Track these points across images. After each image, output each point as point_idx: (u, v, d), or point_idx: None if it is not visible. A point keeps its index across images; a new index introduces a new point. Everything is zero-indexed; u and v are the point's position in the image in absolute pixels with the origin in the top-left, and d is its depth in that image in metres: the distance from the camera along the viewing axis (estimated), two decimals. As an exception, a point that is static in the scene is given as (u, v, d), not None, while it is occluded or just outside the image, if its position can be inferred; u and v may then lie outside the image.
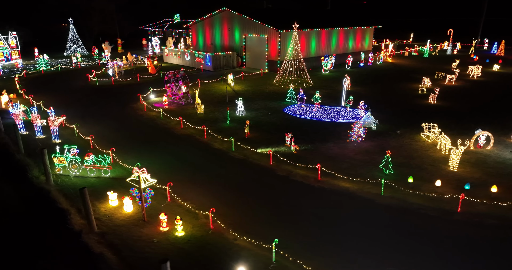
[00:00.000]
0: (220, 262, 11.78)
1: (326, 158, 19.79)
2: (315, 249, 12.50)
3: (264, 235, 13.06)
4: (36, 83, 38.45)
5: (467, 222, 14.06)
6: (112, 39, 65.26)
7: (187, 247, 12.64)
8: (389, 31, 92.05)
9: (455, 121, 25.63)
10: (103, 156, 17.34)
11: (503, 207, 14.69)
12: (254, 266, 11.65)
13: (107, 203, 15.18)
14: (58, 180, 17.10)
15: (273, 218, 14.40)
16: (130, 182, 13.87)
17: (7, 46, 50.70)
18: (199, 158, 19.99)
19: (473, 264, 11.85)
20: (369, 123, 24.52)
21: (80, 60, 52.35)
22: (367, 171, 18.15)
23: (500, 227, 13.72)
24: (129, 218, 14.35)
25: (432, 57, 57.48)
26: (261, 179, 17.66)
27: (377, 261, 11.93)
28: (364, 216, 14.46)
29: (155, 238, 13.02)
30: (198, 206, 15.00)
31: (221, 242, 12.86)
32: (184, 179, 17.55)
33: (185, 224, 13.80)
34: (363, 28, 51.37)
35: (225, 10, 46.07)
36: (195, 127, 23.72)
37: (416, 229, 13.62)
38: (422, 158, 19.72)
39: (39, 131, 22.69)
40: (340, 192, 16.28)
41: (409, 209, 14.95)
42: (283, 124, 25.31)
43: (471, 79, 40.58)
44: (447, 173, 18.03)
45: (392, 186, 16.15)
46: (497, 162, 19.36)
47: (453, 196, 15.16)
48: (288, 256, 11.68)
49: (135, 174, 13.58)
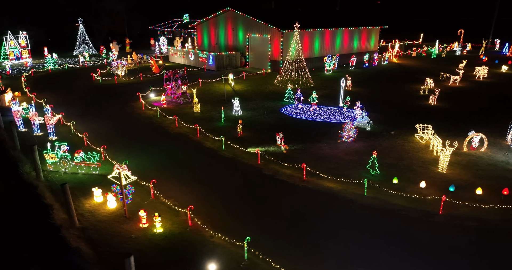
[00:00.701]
0: (193, 259, 11.95)
1: (315, 158, 19.80)
2: (288, 248, 12.56)
3: (241, 233, 13.16)
4: (42, 82, 39.30)
5: (447, 224, 13.94)
6: (121, 39, 66.18)
7: (163, 243, 12.85)
8: (399, 31, 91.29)
9: (453, 123, 25.33)
10: (92, 154, 17.69)
11: (485, 210, 14.51)
12: (226, 263, 11.79)
13: (92, 199, 15.51)
14: (48, 176, 17.52)
15: (253, 217, 14.51)
16: (111, 179, 14.15)
17: (17, 46, 51.91)
18: (189, 157, 20.21)
19: (448, 265, 11.76)
20: (363, 123, 24.43)
21: (88, 59, 53.27)
22: (354, 171, 18.10)
23: (480, 230, 13.57)
24: (111, 214, 14.64)
25: (440, 57, 56.71)
26: (247, 178, 17.78)
27: (347, 261, 11.94)
28: (344, 217, 14.46)
29: (133, 234, 13.27)
30: (181, 203, 15.19)
31: (198, 239, 13.02)
32: (170, 177, 17.79)
33: (165, 221, 14.03)
34: (368, 29, 51.00)
35: (229, 10, 46.31)
36: (189, 126, 23.97)
37: (395, 230, 13.55)
38: (412, 159, 19.57)
39: (36, 128, 23.23)
40: (324, 192, 16.29)
41: (390, 210, 14.89)
42: (278, 124, 25.38)
43: (477, 80, 39.96)
44: (435, 174, 17.86)
45: (375, 187, 16.08)
46: (489, 164, 19.08)
47: (435, 197, 15.03)
48: (258, 254, 11.77)
49: (116, 171, 13.85)
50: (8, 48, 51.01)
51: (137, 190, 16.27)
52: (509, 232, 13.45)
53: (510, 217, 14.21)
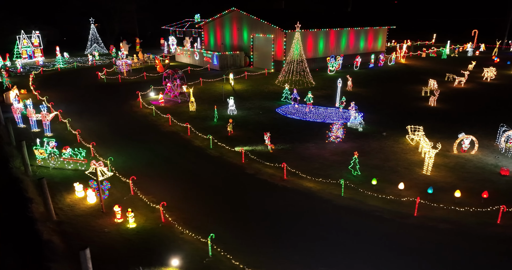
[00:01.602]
0: (160, 254, 12.18)
1: (300, 157, 19.84)
2: (256, 246, 12.68)
3: (212, 230, 13.30)
4: (50, 80, 40.34)
5: (420, 226, 13.81)
6: (132, 38, 67.27)
7: (133, 238, 13.14)
8: (413, 32, 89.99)
9: (448, 124, 24.94)
10: (79, 150, 18.17)
11: (461, 212, 14.30)
12: (191, 259, 11.99)
13: (73, 194, 15.94)
14: (36, 171, 18.09)
15: (227, 215, 14.67)
16: (89, 174, 14.53)
17: (30, 45, 53.42)
18: (176, 154, 20.51)
19: (411, 265, 11.67)
20: (356, 124, 24.29)
21: (98, 58, 54.39)
22: (336, 172, 18.06)
23: (453, 232, 13.40)
24: (90, 209, 15.03)
25: (451, 58, 55.67)
26: (228, 176, 17.95)
27: (312, 260, 11.98)
28: (317, 216, 14.48)
29: (107, 229, 13.60)
30: (159, 200, 15.44)
31: (168, 235, 13.27)
32: (154, 174, 18.12)
33: (140, 217, 14.34)
34: (375, 29, 50.47)
35: (234, 10, 46.58)
36: (181, 125, 24.28)
37: (365, 231, 13.51)
38: (399, 161, 19.39)
39: (34, 125, 23.94)
40: (302, 192, 16.33)
41: (365, 210, 14.83)
42: (271, 123, 25.46)
43: (484, 82, 39.15)
44: (419, 176, 17.67)
45: (353, 187, 16.03)
46: (477, 167, 18.75)
47: (410, 199, 14.90)
48: (220, 251, 11.94)
49: (92, 166, 14.22)
50: (21, 47, 52.52)
51: (118, 186, 16.70)
52: (482, 236, 13.25)
53: (485, 221, 13.98)
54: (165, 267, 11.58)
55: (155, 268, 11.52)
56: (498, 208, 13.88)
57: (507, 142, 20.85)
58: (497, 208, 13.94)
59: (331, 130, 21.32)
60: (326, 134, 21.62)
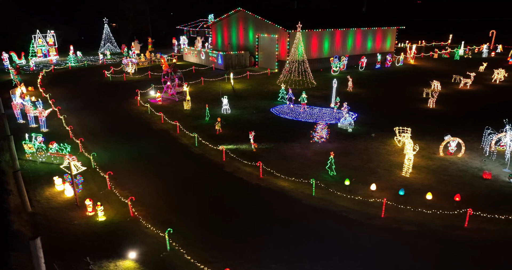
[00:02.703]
0: (120, 247, 12.53)
1: (282, 157, 19.93)
2: (215, 242, 12.90)
3: (177, 225, 13.70)
4: (59, 78, 41.60)
5: (385, 228, 13.73)
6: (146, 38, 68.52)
7: (99, 230, 13.57)
8: (429, 32, 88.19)
9: (442, 126, 24.45)
10: (64, 145, 18.79)
11: (428, 215, 14.12)
12: (149, 252, 12.32)
13: (53, 188, 16.54)
14: (24, 165, 18.83)
15: (195, 211, 14.95)
16: (63, 168, 15.06)
17: (45, 44, 55.20)
18: (161, 152, 20.93)
19: (366, 265, 11.65)
20: (345, 125, 24.17)
21: (110, 57, 55.70)
22: (314, 171, 18.07)
23: (415, 234, 13.28)
24: (66, 202, 15.58)
25: (464, 60, 54.29)
26: (206, 174, 18.23)
27: (268, 257, 12.09)
28: (283, 215, 14.57)
29: (76, 221, 14.09)
30: (133, 195, 15.88)
31: (133, 229, 13.64)
32: (135, 169, 18.58)
33: (111, 211, 14.78)
34: (383, 29, 49.78)
35: (240, 10, 46.88)
36: (172, 123, 24.71)
37: (329, 231, 13.53)
38: (380, 162, 19.22)
39: (31, 120, 24.87)
40: (274, 190, 16.44)
41: (333, 211, 14.83)
42: (261, 123, 25.61)
43: (492, 84, 38.11)
44: (397, 178, 17.50)
45: (324, 187, 16.02)
46: (460, 170, 18.40)
47: (377, 200, 14.79)
48: (175, 245, 12.21)
49: (66, 161, 14.74)
50: (37, 46, 54.32)
51: (98, 180, 17.24)
52: (447, 239, 13.06)
53: (453, 224, 13.77)
54: (122, 259, 11.94)
55: (113, 260, 11.90)
56: (466, 212, 13.63)
57: (498, 146, 20.40)
58: (464, 212, 13.69)
59: (315, 130, 21.29)
60: (310, 134, 21.60)
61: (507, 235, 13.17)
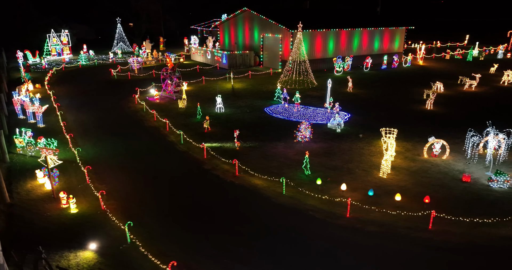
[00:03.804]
0: (84, 238, 12.96)
1: (264, 155, 20.07)
2: (176, 236, 13.20)
3: (143, 219, 14.12)
4: (68, 76, 42.81)
5: (348, 227, 13.73)
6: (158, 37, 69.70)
7: (69, 222, 14.08)
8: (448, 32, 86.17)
9: (435, 128, 24.02)
10: (51, 140, 19.48)
11: (393, 216, 14.03)
12: (110, 244, 12.71)
13: (36, 181, 17.20)
14: (14, 158, 19.62)
15: (165, 205, 15.29)
16: (40, 162, 15.66)
17: (59, 43, 56.92)
18: (146, 148, 21.39)
19: (323, 265, 11.71)
20: (334, 125, 24.08)
21: (120, 56, 56.93)
22: (291, 170, 18.15)
23: (377, 235, 13.24)
24: (45, 194, 16.19)
25: (476, 61, 52.89)
26: (185, 170, 18.55)
27: (224, 253, 12.29)
28: (249, 213, 14.74)
29: (49, 212, 14.65)
30: (110, 189, 16.43)
31: (101, 221, 14.07)
32: (118, 165, 19.09)
33: (85, 203, 15.28)
34: (391, 29, 49.07)
35: (246, 10, 47.14)
36: (163, 120, 25.18)
37: (290, 230, 13.62)
38: (361, 163, 19.12)
39: (30, 116, 25.82)
40: (247, 188, 16.62)
41: (300, 209, 14.91)
42: (252, 122, 25.80)
43: (500, 86, 37.11)
44: (373, 179, 17.39)
45: (295, 186, 16.09)
46: (441, 172, 18.12)
47: (342, 200, 14.77)
48: (133, 238, 12.56)
49: (43, 155, 15.33)
50: (51, 45, 56.08)
51: (78, 174, 17.78)
52: (409, 240, 12.96)
53: (417, 226, 13.64)
54: (83, 250, 12.37)
55: (74, 250, 12.35)
56: (430, 214, 13.47)
57: (485, 148, 19.97)
58: (428, 213, 13.53)
59: (298, 129, 21.31)
60: (294, 133, 21.64)
61: (470, 238, 12.97)
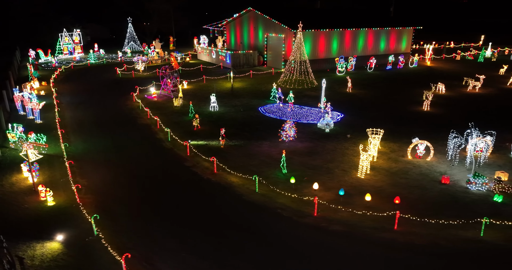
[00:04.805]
0: (54, 230, 13.39)
1: (247, 154, 20.24)
2: (142, 230, 13.51)
3: (115, 213, 14.52)
4: (75, 74, 43.91)
5: (313, 226, 13.78)
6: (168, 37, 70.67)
7: (43, 214, 14.59)
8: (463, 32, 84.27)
9: (426, 130, 23.66)
10: (40, 135, 20.13)
11: (360, 216, 13.99)
12: (78, 236, 13.12)
13: (21, 174, 17.83)
14: (6, 152, 20.38)
15: (138, 200, 15.65)
16: (22, 156, 16.25)
17: (71, 42, 58.43)
18: (134, 144, 21.84)
19: (278, 262, 11.82)
20: (323, 125, 24.03)
21: (130, 55, 58.01)
22: (270, 169, 18.27)
23: (341, 234, 13.26)
24: (27, 187, 16.77)
25: (488, 62, 51.60)
26: (167, 167, 18.88)
27: (185, 247, 12.53)
28: (218, 209, 14.95)
29: (26, 205, 15.20)
30: (90, 183, 16.93)
31: (74, 214, 14.50)
32: (103, 160, 19.60)
33: (63, 197, 15.76)
34: (398, 29, 48.41)
35: (250, 10, 47.35)
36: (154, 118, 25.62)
37: (253, 226, 13.76)
38: (342, 163, 19.06)
39: (29, 112, 26.71)
40: (222, 185, 16.83)
41: (269, 207, 15.03)
42: (243, 121, 25.99)
43: (506, 88, 36.24)
44: (350, 179, 17.33)
45: (267, 184, 16.20)
46: (421, 173, 17.91)
47: (309, 198, 14.79)
48: (97, 231, 12.94)
49: (24, 149, 15.90)
50: (63, 44, 57.63)
51: (63, 169, 18.32)
52: (372, 240, 12.92)
53: (383, 226, 13.59)
54: (50, 241, 12.82)
55: (42, 241, 12.80)
56: (396, 214, 13.38)
57: (474, 151, 19.61)
58: (393, 214, 13.44)
59: (283, 128, 21.37)
60: (278, 132, 21.70)
61: (434, 240, 12.83)
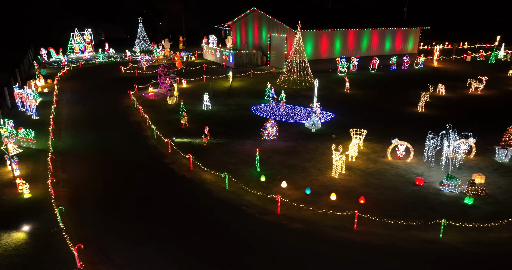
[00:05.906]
0: (24, 221, 13.92)
1: (227, 152, 20.47)
2: (106, 223, 13.92)
3: (84, 206, 15.01)
4: (81, 72, 45.05)
5: (273, 223, 13.91)
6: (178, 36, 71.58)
7: (18, 206, 15.19)
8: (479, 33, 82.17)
9: (415, 131, 23.32)
10: (29, 131, 20.88)
11: (320, 215, 14.03)
12: (44, 227, 13.60)
13: (6, 167, 18.53)
14: (-2, 147, 21.23)
15: (110, 194, 16.07)
16: (3, 150, 16.91)
17: (82, 41, 59.93)
18: (120, 141, 22.36)
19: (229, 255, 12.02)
20: (309, 125, 24.02)
21: (139, 54, 59.09)
22: (246, 167, 18.45)
23: (300, 232, 13.35)
24: (9, 180, 17.42)
25: (500, 63, 50.23)
26: (146, 163, 19.28)
27: (144, 241, 12.85)
28: (185, 205, 15.23)
29: (3, 196, 15.84)
30: (70, 177, 17.50)
31: (47, 207, 15.01)
32: (87, 155, 20.19)
33: (41, 190, 16.33)
34: (404, 30, 47.71)
35: (254, 10, 47.54)
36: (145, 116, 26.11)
37: (215, 222, 13.98)
38: (319, 163, 19.06)
39: (27, 109, 27.67)
40: (195, 182, 17.13)
41: (235, 204, 15.24)
42: (233, 119, 26.23)
43: (510, 90, 35.24)
44: (323, 178, 17.35)
45: (236, 182, 16.38)
46: (398, 174, 17.75)
47: (272, 196, 14.88)
48: (61, 222, 13.40)
49: (4, 143, 16.56)
50: (74, 43, 59.18)
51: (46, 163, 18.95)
52: (330, 239, 12.96)
53: (343, 225, 13.60)
54: (17, 231, 13.35)
55: (10, 231, 13.36)
56: (356, 214, 13.36)
57: (457, 152, 19.34)
58: (353, 213, 13.42)
59: (264, 127, 21.47)
60: (260, 131, 21.82)
61: (392, 240, 12.76)
